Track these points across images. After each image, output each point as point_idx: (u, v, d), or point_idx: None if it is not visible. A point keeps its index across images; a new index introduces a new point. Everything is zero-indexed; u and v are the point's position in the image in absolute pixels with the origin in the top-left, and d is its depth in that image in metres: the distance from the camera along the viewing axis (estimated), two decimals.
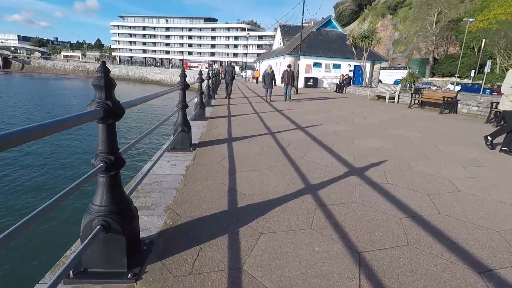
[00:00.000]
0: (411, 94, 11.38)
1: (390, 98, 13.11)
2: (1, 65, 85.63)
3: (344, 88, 19.18)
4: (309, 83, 24.23)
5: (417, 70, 51.46)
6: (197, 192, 3.04)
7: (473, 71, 37.99)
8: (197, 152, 4.55)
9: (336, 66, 25.61)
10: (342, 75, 20.58)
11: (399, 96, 13.13)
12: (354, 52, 20.66)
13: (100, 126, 1.66)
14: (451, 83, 37.53)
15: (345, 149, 4.94)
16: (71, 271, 1.72)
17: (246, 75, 40.27)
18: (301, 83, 25.15)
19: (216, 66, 72.78)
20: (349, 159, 4.39)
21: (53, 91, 38.24)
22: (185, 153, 4.53)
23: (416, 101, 11.41)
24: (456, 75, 33.35)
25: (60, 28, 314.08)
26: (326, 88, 23.76)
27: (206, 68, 59.20)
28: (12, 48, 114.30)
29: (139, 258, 1.94)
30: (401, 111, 10.67)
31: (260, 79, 38.44)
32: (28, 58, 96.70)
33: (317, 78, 24.98)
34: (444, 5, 49.29)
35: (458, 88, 31.44)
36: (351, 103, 12.92)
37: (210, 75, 11.56)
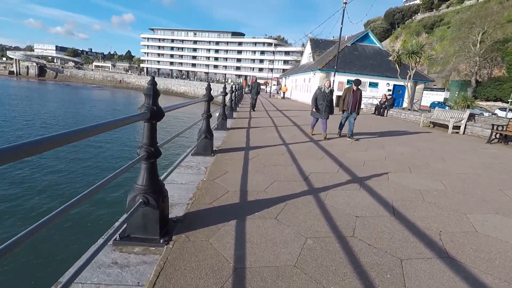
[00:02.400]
0: (492, 125, 8.56)
1: (454, 127, 10.28)
2: (37, 73, 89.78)
3: (386, 111, 16.41)
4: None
5: (457, 93, 47.46)
6: None
7: None
8: (173, 249, 2.22)
9: (373, 85, 22.82)
10: (385, 95, 17.82)
11: (466, 125, 10.26)
12: (398, 69, 17.95)
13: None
14: (499, 109, 33.50)
15: (474, 254, 2.39)
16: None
17: (271, 90, 38.23)
18: None
19: (241, 80, 71.55)
20: None
21: (82, 101, 37.93)
22: (145, 252, 2.19)
23: (498, 135, 8.57)
24: (510, 100, 29.43)
25: (97, 40, 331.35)
26: (362, 109, 20.99)
27: (274, 85, 54.08)
28: (50, 58, 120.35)
29: None
30: (482, 148, 7.85)
31: (285, 97, 35.92)
32: (62, 67, 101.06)
33: None
34: (490, 24, 45.43)
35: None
36: (407, 133, 10.19)
37: (227, 90, 9.32)
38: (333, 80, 15.36)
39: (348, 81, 22.55)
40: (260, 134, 7.67)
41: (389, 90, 22.62)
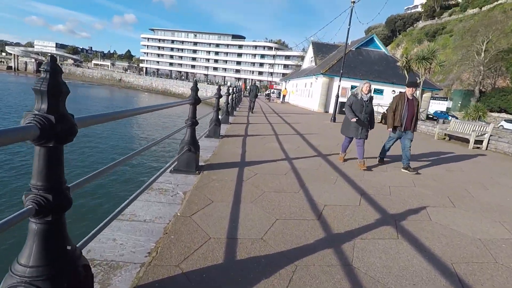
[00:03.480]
0: None
1: (475, 141, 9.21)
2: (35, 69, 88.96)
3: None
4: (344, 108, 20.49)
5: (460, 103, 46.68)
6: None
7: None
8: None
9: (378, 92, 21.76)
10: None
11: (489, 140, 9.19)
12: (407, 76, 16.96)
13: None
14: (505, 120, 32.61)
15: None
16: None
17: (271, 95, 37.08)
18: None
19: (240, 83, 70.57)
20: None
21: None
22: None
23: None
24: None
25: (98, 39, 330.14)
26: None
27: (274, 91, 45.90)
28: (49, 55, 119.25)
29: None
30: None
31: (285, 102, 34.47)
32: (61, 64, 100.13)
33: None
34: (494, 33, 44.75)
35: None
36: (424, 148, 9.10)
37: (223, 92, 8.16)
38: (339, 86, 14.32)
39: (352, 87, 21.52)
40: (258, 144, 6.55)
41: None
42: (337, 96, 13.88)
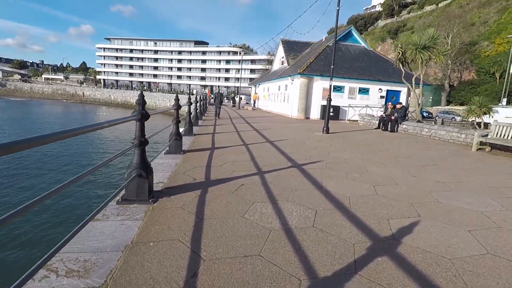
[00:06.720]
0: None
1: None
2: None
3: (396, 125, 12.52)
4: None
5: (431, 98, 46.32)
6: None
7: (504, 99, 32.36)
8: None
9: (363, 91, 19.15)
10: (392, 103, 13.96)
11: None
12: (403, 70, 14.38)
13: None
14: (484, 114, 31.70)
15: None
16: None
17: (239, 101, 33.47)
18: (317, 114, 18.56)
19: (206, 91, 66.47)
20: None
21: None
22: None
23: None
24: (500, 103, 27.40)
25: (53, 52, 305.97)
26: (357, 121, 17.06)
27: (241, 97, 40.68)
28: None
29: None
30: None
31: (256, 107, 30.82)
32: (6, 80, 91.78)
33: (339, 106, 18.38)
34: (458, 26, 45.02)
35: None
36: (485, 174, 6.15)
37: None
38: (330, 85, 11.27)
39: (334, 87, 18.74)
40: (231, 217, 3.08)
41: (382, 97, 19.12)
42: (329, 99, 10.77)
